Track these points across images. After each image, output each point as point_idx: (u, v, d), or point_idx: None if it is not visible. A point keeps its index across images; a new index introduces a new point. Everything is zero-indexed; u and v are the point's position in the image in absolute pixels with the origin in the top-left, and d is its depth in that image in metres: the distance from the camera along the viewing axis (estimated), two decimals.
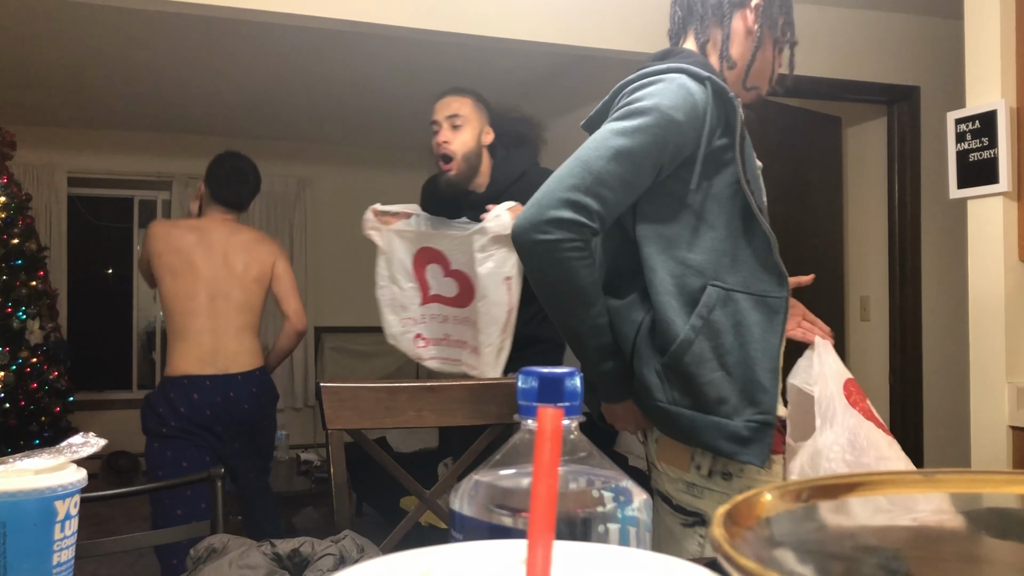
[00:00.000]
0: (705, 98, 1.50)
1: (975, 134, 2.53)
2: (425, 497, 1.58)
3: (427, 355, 2.68)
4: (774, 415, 1.53)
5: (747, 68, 1.66)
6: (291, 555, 0.85)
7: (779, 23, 1.67)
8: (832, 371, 1.59)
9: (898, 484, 0.48)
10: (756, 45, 1.64)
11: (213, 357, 3.03)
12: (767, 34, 1.65)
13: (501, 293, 2.37)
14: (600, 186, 1.44)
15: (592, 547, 0.43)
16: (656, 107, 1.46)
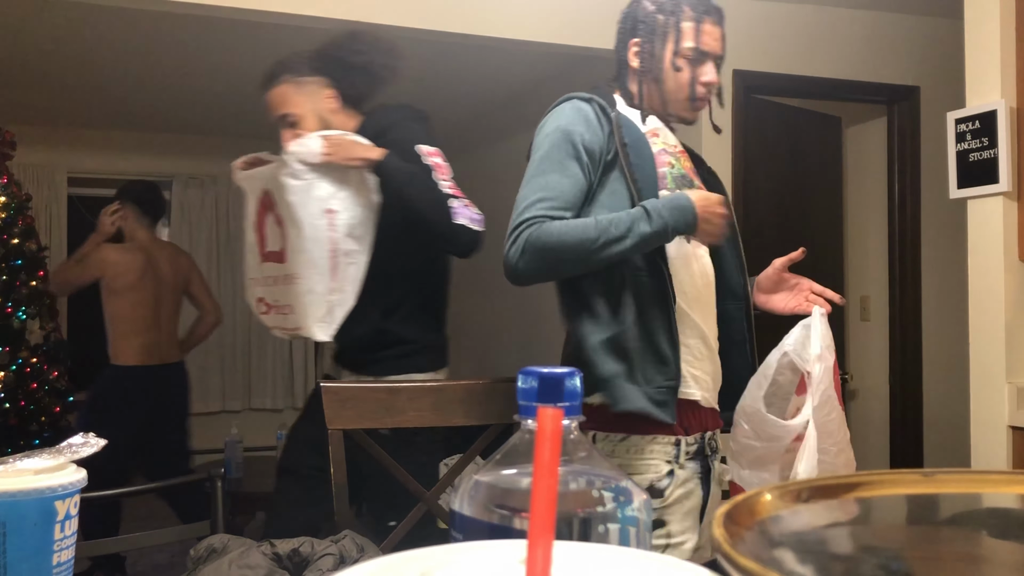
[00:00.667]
0: (595, 112, 1.74)
1: (975, 134, 2.53)
2: (425, 497, 1.58)
3: (271, 323, 2.26)
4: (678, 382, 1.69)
5: (640, 98, 1.84)
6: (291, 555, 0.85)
7: (666, 54, 1.80)
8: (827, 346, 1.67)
9: (898, 484, 0.48)
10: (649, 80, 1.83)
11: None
12: (649, 69, 1.82)
13: (320, 228, 2.08)
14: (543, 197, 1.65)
15: (592, 547, 0.43)
16: (556, 128, 1.72)
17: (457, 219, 2.08)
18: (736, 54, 4.04)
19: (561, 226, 1.63)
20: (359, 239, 2.14)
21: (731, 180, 3.96)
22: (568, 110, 1.74)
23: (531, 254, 1.64)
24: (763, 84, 4.08)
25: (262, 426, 6.70)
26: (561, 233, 1.63)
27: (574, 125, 1.71)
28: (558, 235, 1.62)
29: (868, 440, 4.54)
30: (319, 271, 2.07)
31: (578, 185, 1.68)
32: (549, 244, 1.63)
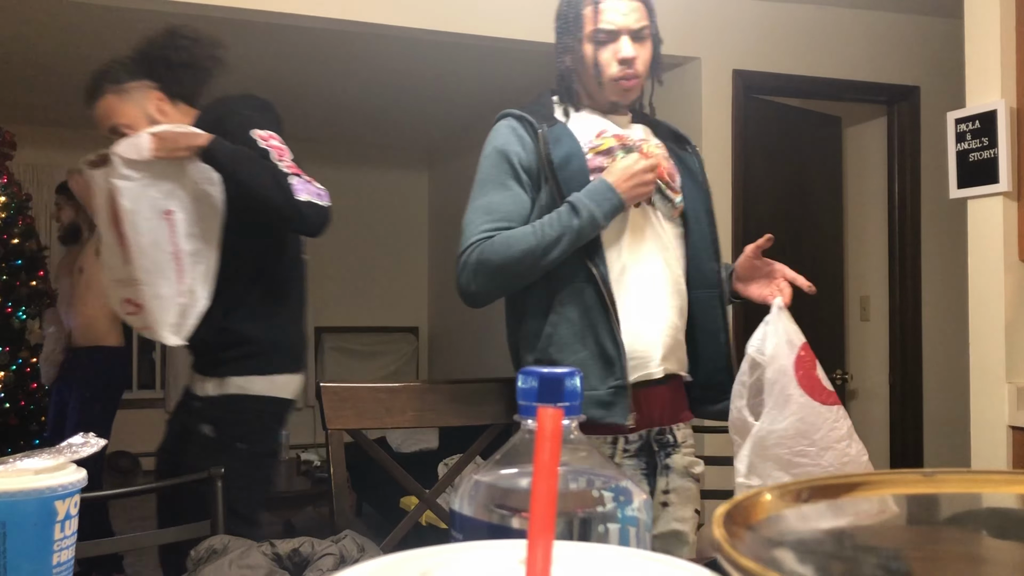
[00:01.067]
0: (525, 130, 1.77)
1: (975, 134, 2.53)
2: (425, 497, 1.58)
3: (137, 324, 2.11)
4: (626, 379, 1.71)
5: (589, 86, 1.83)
6: (291, 555, 0.85)
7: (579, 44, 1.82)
8: (784, 342, 1.65)
9: (898, 484, 0.48)
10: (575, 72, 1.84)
11: None
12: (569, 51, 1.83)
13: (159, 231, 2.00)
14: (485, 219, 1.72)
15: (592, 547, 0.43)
16: (493, 149, 1.78)
17: (299, 195, 2.00)
18: (736, 54, 4.05)
19: (502, 241, 1.69)
20: (204, 236, 2.04)
21: (731, 180, 3.96)
22: (503, 129, 1.79)
23: (482, 275, 1.70)
24: (763, 84, 4.08)
25: None
26: (505, 248, 1.68)
27: (509, 144, 1.76)
28: (503, 250, 1.68)
29: (868, 440, 4.53)
30: (164, 275, 2.00)
31: (519, 201, 1.74)
32: (496, 261, 1.68)
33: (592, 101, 1.85)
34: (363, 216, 7.38)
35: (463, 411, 1.66)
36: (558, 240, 1.67)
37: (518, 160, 1.75)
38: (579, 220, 1.67)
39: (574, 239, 1.68)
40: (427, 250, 7.63)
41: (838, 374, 4.33)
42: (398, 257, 7.49)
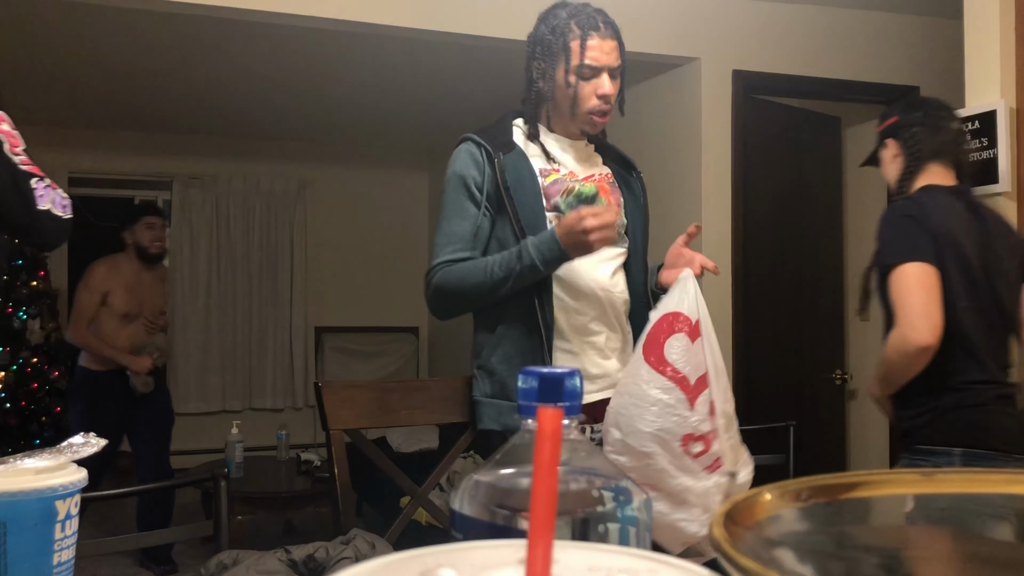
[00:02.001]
0: (483, 155, 1.90)
1: (975, 134, 2.53)
2: (417, 494, 1.59)
3: None
4: None
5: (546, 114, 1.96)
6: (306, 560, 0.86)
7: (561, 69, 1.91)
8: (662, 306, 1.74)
9: (898, 484, 0.48)
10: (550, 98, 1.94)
11: None
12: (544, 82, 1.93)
13: None
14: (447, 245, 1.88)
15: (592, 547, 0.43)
16: (453, 172, 1.92)
17: (41, 204, 1.84)
18: (736, 54, 4.05)
19: (456, 273, 1.85)
20: None
21: (731, 180, 3.96)
22: (462, 153, 1.93)
23: (438, 299, 1.89)
24: (763, 84, 4.08)
25: (262, 426, 6.71)
26: (458, 280, 1.85)
27: (467, 169, 1.90)
28: (456, 282, 1.85)
29: (868, 440, 4.54)
30: None
31: (476, 224, 1.89)
32: (449, 291, 1.86)
33: (559, 126, 1.97)
34: (363, 216, 7.38)
35: (451, 408, 1.68)
36: (505, 279, 1.82)
37: (475, 184, 1.89)
38: (521, 265, 1.81)
39: (519, 280, 1.82)
40: (427, 250, 7.63)
41: (838, 374, 4.33)
42: (398, 257, 7.49)
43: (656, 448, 1.64)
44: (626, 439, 1.65)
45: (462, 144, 1.95)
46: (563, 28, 1.90)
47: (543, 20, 1.96)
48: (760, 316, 4.05)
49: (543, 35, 1.93)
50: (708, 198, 3.92)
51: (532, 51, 1.96)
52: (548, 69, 1.92)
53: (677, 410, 1.65)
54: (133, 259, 4.48)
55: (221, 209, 7.04)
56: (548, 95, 1.94)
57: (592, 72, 1.89)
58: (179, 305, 6.88)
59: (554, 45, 1.91)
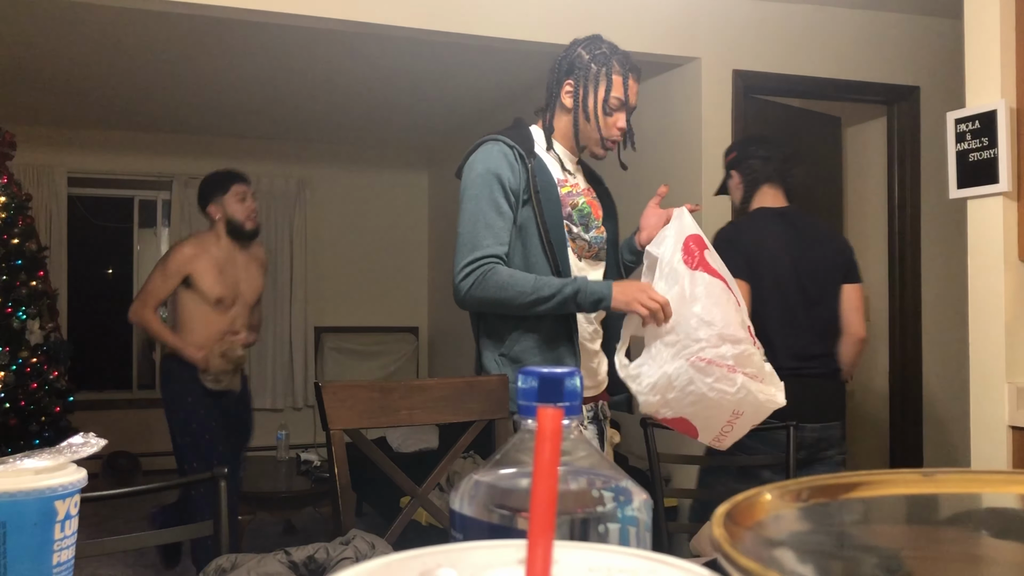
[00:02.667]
0: (516, 157, 2.05)
1: (975, 134, 2.53)
2: (417, 494, 1.59)
3: None
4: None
5: (574, 135, 2.13)
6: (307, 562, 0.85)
7: (595, 99, 2.09)
8: (674, 233, 1.97)
9: (898, 484, 0.48)
10: (573, 118, 2.12)
11: None
12: (580, 109, 2.10)
13: None
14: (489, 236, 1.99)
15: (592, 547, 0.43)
16: (487, 170, 2.02)
17: None
18: (736, 54, 4.05)
19: (507, 277, 1.97)
20: None
21: None
22: (495, 153, 2.04)
23: (479, 294, 1.98)
24: (763, 84, 4.08)
25: (262, 426, 6.70)
26: (505, 284, 1.97)
27: (501, 168, 2.02)
28: (502, 285, 1.97)
29: (868, 440, 4.54)
30: None
31: (509, 220, 2.02)
32: (493, 293, 1.97)
33: (565, 142, 2.16)
34: (363, 216, 7.38)
35: (451, 408, 1.68)
36: (549, 298, 1.97)
37: (508, 184, 2.01)
38: (570, 290, 1.97)
39: (558, 307, 1.98)
40: (427, 250, 7.63)
41: None
42: (398, 257, 7.49)
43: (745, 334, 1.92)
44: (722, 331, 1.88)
45: (491, 144, 2.06)
46: (606, 60, 2.08)
47: (585, 46, 2.12)
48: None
49: (584, 60, 2.09)
50: (708, 198, 3.92)
51: (567, 70, 2.11)
52: (585, 92, 2.09)
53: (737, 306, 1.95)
54: (223, 237, 3.78)
55: None
56: (576, 114, 2.10)
57: (620, 107, 2.09)
58: None
59: (596, 73, 2.08)
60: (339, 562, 0.85)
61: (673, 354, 1.91)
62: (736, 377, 1.88)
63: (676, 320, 1.91)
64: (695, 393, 1.90)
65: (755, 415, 1.94)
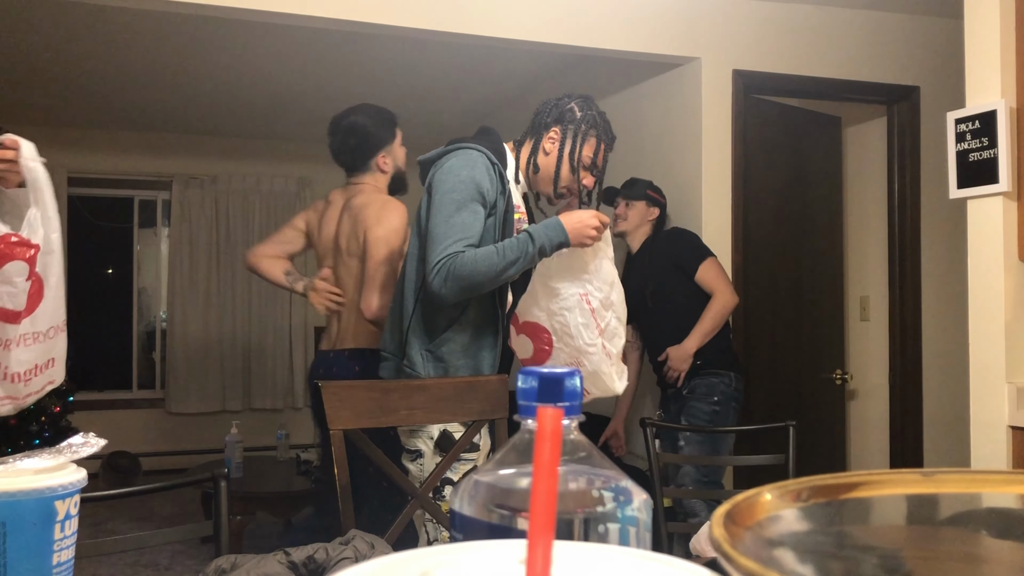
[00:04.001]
0: (496, 172, 2.20)
1: (975, 134, 2.53)
2: (418, 494, 1.59)
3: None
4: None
5: (554, 179, 2.31)
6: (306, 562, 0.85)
7: (578, 153, 2.29)
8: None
9: (898, 484, 0.48)
10: (556, 163, 2.30)
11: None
12: (561, 157, 2.29)
13: None
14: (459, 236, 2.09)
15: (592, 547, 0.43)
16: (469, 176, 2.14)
17: None
18: (736, 54, 4.05)
19: (472, 257, 2.07)
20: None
21: (731, 180, 3.96)
22: (480, 164, 2.17)
23: (452, 282, 2.07)
24: (763, 84, 4.08)
25: (262, 426, 6.71)
26: (474, 263, 2.07)
27: (482, 177, 2.15)
28: (472, 265, 2.07)
29: (868, 440, 4.54)
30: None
31: (481, 224, 2.15)
32: (465, 274, 2.07)
33: (531, 174, 2.34)
34: None
35: (450, 408, 1.68)
36: (515, 261, 2.10)
37: (486, 193, 2.15)
38: (533, 247, 2.12)
39: (526, 263, 2.13)
40: None
41: (838, 374, 4.33)
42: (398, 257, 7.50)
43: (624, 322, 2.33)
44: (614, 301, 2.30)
45: (474, 153, 2.18)
46: (595, 123, 2.30)
47: (579, 103, 2.31)
48: (760, 316, 4.05)
49: (577, 116, 2.29)
50: (708, 198, 3.92)
51: (557, 118, 2.30)
52: (569, 144, 2.28)
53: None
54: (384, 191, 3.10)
55: (221, 209, 7.04)
56: (550, 158, 2.30)
57: (591, 168, 2.33)
58: (178, 305, 6.88)
59: (585, 132, 2.29)
60: (339, 562, 0.85)
61: (572, 281, 2.27)
62: (597, 339, 2.22)
63: (595, 266, 2.27)
64: (565, 317, 2.27)
65: (591, 381, 2.26)
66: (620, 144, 2.27)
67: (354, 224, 3.05)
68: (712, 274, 3.50)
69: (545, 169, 2.32)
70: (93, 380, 6.80)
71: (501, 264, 2.09)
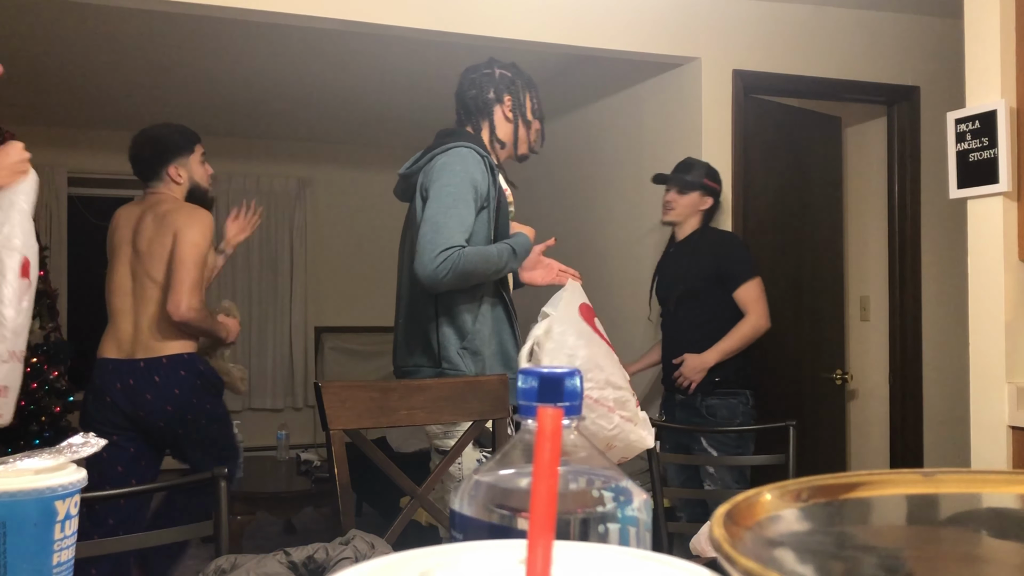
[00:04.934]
0: (487, 167, 2.33)
1: (975, 134, 2.53)
2: (418, 494, 1.59)
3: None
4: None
5: (514, 144, 2.51)
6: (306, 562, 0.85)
7: (527, 108, 2.51)
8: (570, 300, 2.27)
9: (898, 484, 0.48)
10: (514, 128, 2.49)
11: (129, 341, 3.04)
12: (520, 119, 2.49)
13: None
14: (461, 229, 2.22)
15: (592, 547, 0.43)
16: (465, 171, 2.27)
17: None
18: (736, 54, 4.05)
19: (474, 254, 2.21)
20: None
21: (731, 180, 3.96)
22: (473, 161, 2.30)
23: (455, 274, 2.19)
24: (763, 84, 4.08)
25: (262, 426, 6.71)
26: (475, 261, 2.21)
27: (476, 173, 2.29)
28: (474, 262, 2.21)
29: (868, 440, 4.54)
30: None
31: (473, 219, 2.27)
32: (468, 268, 2.20)
33: (509, 147, 2.51)
34: (363, 216, 7.38)
35: (450, 408, 1.68)
36: (502, 268, 2.29)
37: (479, 191, 2.29)
38: (515, 262, 2.33)
39: (507, 272, 2.33)
40: None
41: (838, 374, 4.33)
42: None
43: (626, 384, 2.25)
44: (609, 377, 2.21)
45: (467, 151, 2.31)
46: (523, 78, 2.51)
47: (501, 67, 2.50)
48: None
49: (510, 78, 2.49)
50: None
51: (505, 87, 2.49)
52: (522, 106, 2.48)
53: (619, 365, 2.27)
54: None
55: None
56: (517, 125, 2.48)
57: (539, 115, 2.54)
58: None
59: (523, 88, 2.50)
60: (339, 562, 0.85)
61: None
62: (614, 417, 2.19)
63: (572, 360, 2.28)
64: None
65: (626, 450, 2.25)
66: (620, 144, 2.28)
67: (159, 227, 3.08)
68: (754, 295, 3.39)
69: (507, 138, 2.49)
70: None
71: (495, 267, 2.27)
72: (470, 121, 2.51)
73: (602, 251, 4.72)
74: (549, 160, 5.36)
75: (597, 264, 4.76)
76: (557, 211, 5.20)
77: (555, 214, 5.20)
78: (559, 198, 5.20)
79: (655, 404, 4.14)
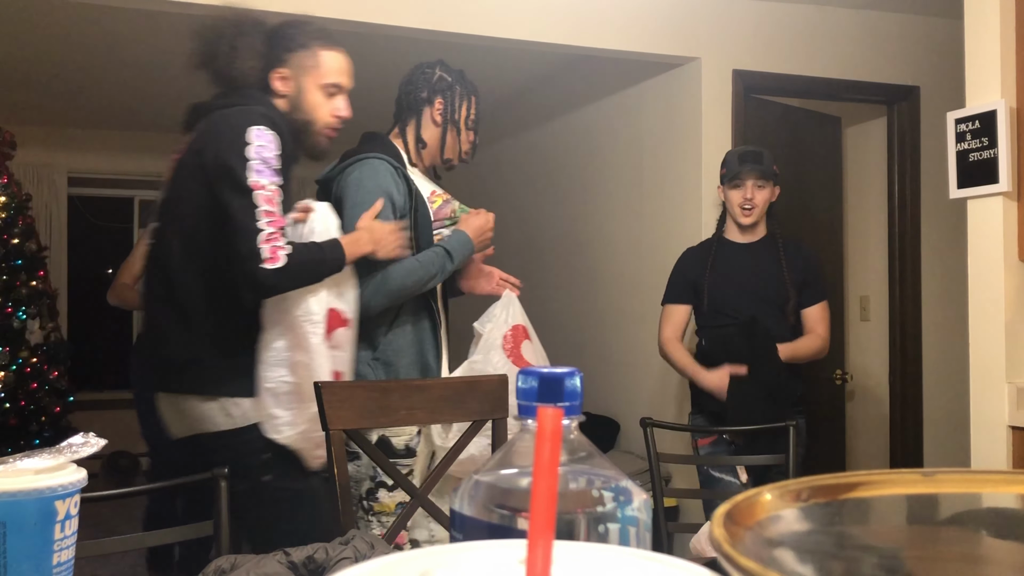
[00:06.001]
0: (401, 178, 2.26)
1: (975, 134, 2.53)
2: (418, 494, 1.59)
3: None
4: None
5: (440, 149, 2.41)
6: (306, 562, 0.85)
7: (461, 116, 2.42)
8: (502, 320, 2.27)
9: (898, 484, 0.48)
10: (441, 133, 2.41)
11: None
12: (450, 123, 2.41)
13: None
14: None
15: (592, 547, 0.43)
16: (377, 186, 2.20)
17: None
18: (736, 54, 4.05)
19: (400, 271, 2.15)
20: None
21: None
22: (384, 172, 2.24)
23: (382, 295, 2.15)
24: (763, 84, 4.08)
25: None
26: (403, 278, 2.15)
27: (390, 187, 2.22)
28: (401, 280, 2.15)
29: (868, 440, 4.54)
30: None
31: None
32: (395, 288, 2.15)
33: (436, 152, 2.42)
34: None
35: (450, 408, 1.68)
36: (435, 276, 2.20)
37: (395, 202, 2.22)
38: (451, 263, 2.23)
39: (443, 276, 2.24)
40: None
41: (838, 374, 4.33)
42: None
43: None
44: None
45: (377, 162, 2.25)
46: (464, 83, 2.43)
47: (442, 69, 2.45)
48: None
49: (449, 82, 2.42)
50: (708, 198, 3.92)
51: (438, 89, 2.42)
52: (452, 109, 2.40)
53: None
54: None
55: None
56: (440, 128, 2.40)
57: (474, 125, 2.45)
58: None
59: (461, 93, 2.42)
60: (339, 562, 0.85)
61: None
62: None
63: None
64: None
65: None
66: (620, 144, 2.26)
67: None
68: (822, 315, 3.11)
69: (432, 141, 2.41)
70: (93, 380, 6.80)
71: (424, 278, 2.19)
72: (401, 116, 2.49)
73: (602, 251, 4.72)
74: (549, 160, 5.36)
75: (596, 264, 4.76)
76: (556, 211, 5.20)
77: (554, 214, 5.20)
78: (558, 198, 5.20)
79: (671, 403, 4.14)
